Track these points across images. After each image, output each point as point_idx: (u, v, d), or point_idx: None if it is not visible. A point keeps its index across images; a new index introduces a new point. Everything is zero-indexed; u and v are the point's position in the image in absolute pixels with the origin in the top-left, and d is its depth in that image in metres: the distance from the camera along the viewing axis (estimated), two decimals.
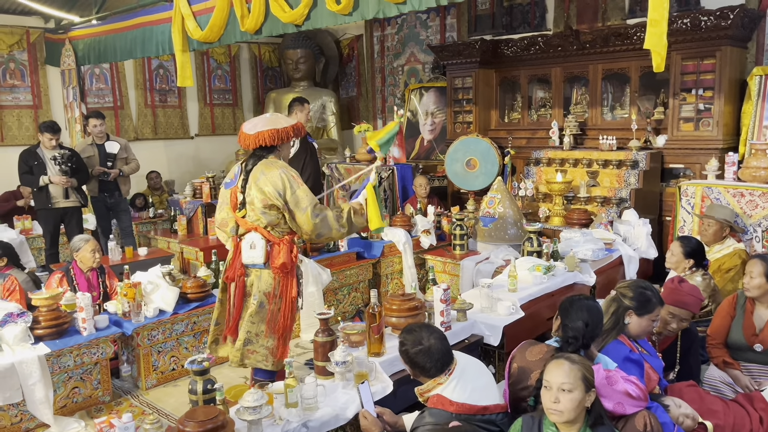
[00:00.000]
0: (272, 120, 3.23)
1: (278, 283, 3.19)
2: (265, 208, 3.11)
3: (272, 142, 3.16)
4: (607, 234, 4.94)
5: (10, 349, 3.34)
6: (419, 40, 8.85)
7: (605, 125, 6.61)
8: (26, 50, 7.72)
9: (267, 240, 3.15)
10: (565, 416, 2.07)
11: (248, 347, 3.22)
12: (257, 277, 3.20)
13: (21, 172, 5.83)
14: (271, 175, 3.09)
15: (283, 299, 3.21)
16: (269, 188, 3.07)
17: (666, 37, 3.04)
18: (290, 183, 3.09)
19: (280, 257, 3.13)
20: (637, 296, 2.73)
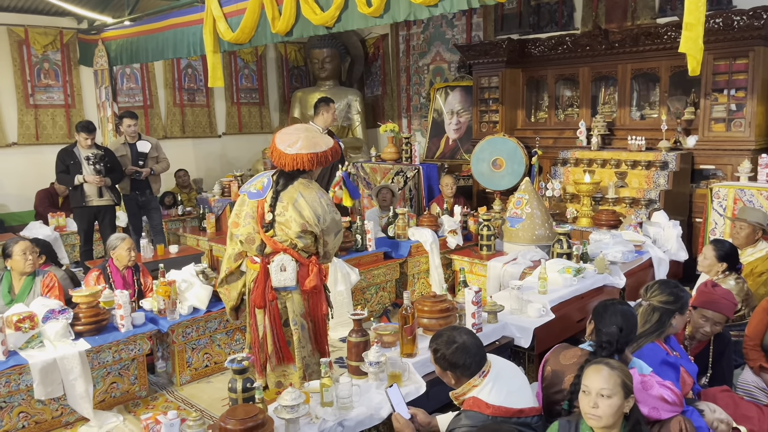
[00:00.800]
0: (311, 140, 3.06)
1: (309, 303, 3.16)
2: (302, 233, 3.02)
3: (311, 166, 3.05)
4: (636, 236, 4.91)
5: (52, 344, 3.45)
6: (445, 40, 8.85)
7: (634, 125, 6.56)
8: (60, 51, 7.89)
9: (297, 261, 3.07)
10: (604, 422, 2.08)
11: (309, 371, 3.17)
12: (290, 300, 3.12)
13: (58, 171, 5.98)
14: (310, 199, 3.00)
15: (314, 316, 3.18)
16: (308, 213, 2.99)
17: (702, 40, 3.02)
18: (329, 208, 3.05)
19: (311, 279, 3.08)
20: (675, 297, 2.74)
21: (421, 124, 9.41)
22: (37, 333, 3.44)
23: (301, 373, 3.16)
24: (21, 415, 3.34)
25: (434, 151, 8.72)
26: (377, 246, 5.30)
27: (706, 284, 3.13)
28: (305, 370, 3.17)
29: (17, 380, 3.27)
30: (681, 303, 2.75)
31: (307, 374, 3.18)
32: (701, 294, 3.08)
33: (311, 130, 3.22)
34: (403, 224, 5.45)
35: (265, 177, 3.16)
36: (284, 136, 3.09)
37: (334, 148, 3.12)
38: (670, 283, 2.83)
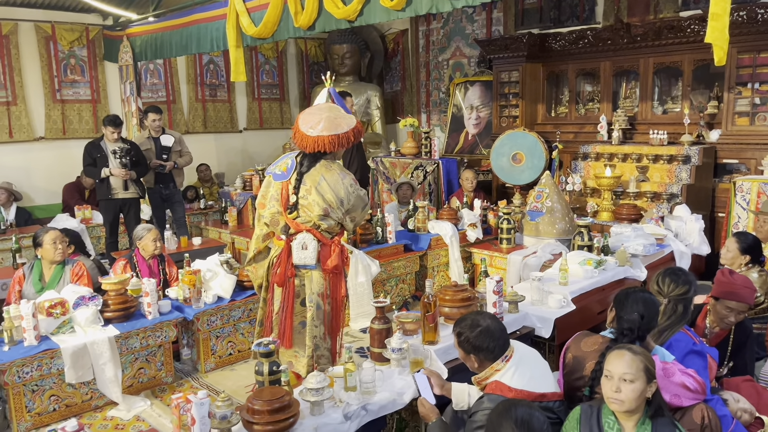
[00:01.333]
0: (333, 121, 3.05)
1: (329, 283, 3.17)
2: (324, 215, 3.05)
3: (332, 148, 3.04)
4: (658, 229, 4.90)
5: (82, 330, 3.55)
6: (465, 35, 8.86)
7: (656, 119, 6.52)
8: (86, 47, 8.03)
9: (319, 241, 3.10)
10: (626, 406, 2.10)
11: (317, 353, 3.17)
12: (308, 278, 3.15)
13: (85, 164, 6.11)
14: (332, 181, 3.02)
15: (333, 299, 3.19)
16: (330, 196, 3.01)
17: (727, 30, 3.01)
18: (352, 189, 3.06)
19: (333, 259, 3.10)
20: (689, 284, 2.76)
21: (440, 120, 9.42)
22: (68, 319, 3.55)
23: (310, 352, 3.16)
24: (52, 398, 3.43)
25: (453, 146, 8.73)
26: (397, 239, 5.34)
27: (723, 273, 3.13)
28: (314, 351, 3.17)
29: (49, 364, 3.37)
30: (695, 287, 2.79)
31: (315, 355, 3.17)
32: (721, 284, 3.08)
33: (334, 109, 3.20)
34: (423, 217, 5.48)
35: (289, 158, 3.18)
36: (307, 117, 3.10)
37: (356, 128, 3.12)
38: (678, 274, 2.84)
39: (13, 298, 4.02)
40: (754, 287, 3.17)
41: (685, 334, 2.67)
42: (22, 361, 3.27)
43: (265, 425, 2.26)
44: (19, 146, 7.61)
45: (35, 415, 3.36)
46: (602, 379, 2.18)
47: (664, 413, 2.19)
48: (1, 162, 7.46)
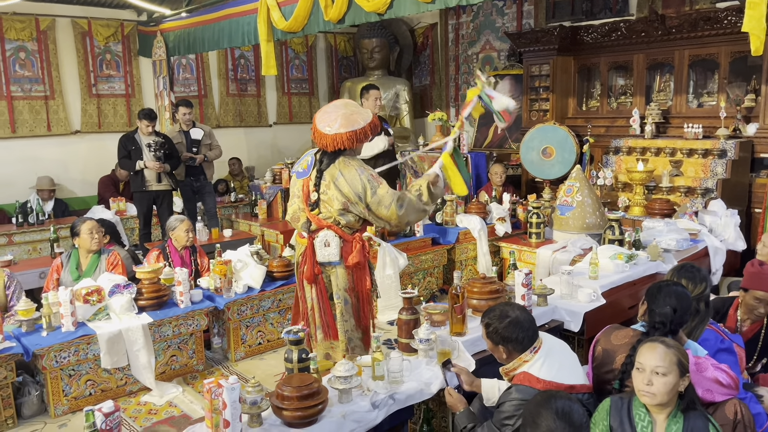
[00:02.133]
0: (349, 118, 3.06)
1: (353, 278, 3.19)
2: (343, 210, 3.06)
3: (350, 145, 3.05)
4: (692, 224, 4.81)
5: (117, 317, 3.64)
6: (495, 28, 8.79)
7: (690, 113, 6.39)
8: (121, 42, 8.20)
9: (341, 237, 3.11)
10: (658, 399, 2.08)
11: (351, 345, 3.23)
12: (334, 275, 3.18)
13: (120, 156, 6.25)
14: (349, 176, 3.01)
15: (359, 291, 3.22)
16: (347, 189, 3.01)
17: (765, 19, 2.94)
18: (370, 184, 3.01)
19: (354, 255, 3.12)
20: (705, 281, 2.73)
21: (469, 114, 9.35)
22: (104, 306, 3.64)
23: (344, 346, 3.21)
24: (88, 382, 3.54)
25: (482, 140, 8.69)
26: (425, 232, 5.35)
27: (752, 263, 3.06)
28: (348, 344, 3.21)
29: (85, 350, 3.47)
30: (711, 283, 2.75)
31: (349, 348, 3.22)
32: (750, 275, 3.02)
33: (350, 105, 3.20)
34: (451, 211, 5.48)
35: (309, 156, 3.21)
36: (323, 116, 3.10)
37: (372, 122, 3.11)
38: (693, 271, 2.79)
39: (51, 286, 4.14)
40: None
41: (713, 332, 2.63)
42: (59, 346, 3.37)
43: (294, 411, 2.29)
44: (56, 139, 7.81)
45: (72, 399, 3.47)
46: (633, 372, 2.16)
47: (697, 407, 2.16)
48: (40, 155, 7.67)
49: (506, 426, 2.28)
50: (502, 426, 2.30)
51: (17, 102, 7.49)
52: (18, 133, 7.52)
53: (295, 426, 2.32)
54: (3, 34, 7.31)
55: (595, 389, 2.50)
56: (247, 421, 2.32)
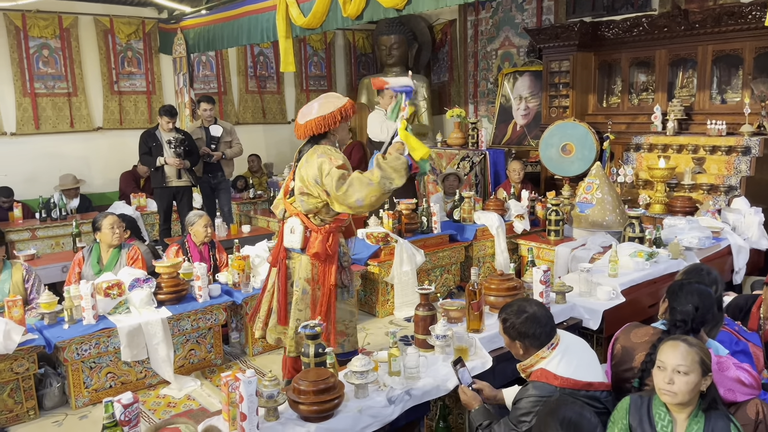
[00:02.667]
0: (322, 106, 3.13)
1: (317, 269, 3.17)
2: (301, 195, 3.11)
3: (319, 130, 3.09)
4: (714, 222, 4.73)
5: (137, 311, 3.68)
6: (514, 24, 8.72)
7: (713, 109, 6.28)
8: (142, 39, 8.29)
9: (306, 226, 3.14)
10: (679, 398, 2.05)
11: (299, 335, 3.19)
12: (298, 262, 3.21)
13: (141, 153, 6.33)
14: (311, 162, 3.06)
15: (322, 286, 3.18)
16: (306, 173, 3.06)
17: None
18: (325, 167, 3.00)
19: (314, 246, 3.11)
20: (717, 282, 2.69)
21: (488, 110, 9.32)
22: (124, 300, 3.69)
23: (292, 333, 3.21)
24: (109, 375, 3.58)
25: (501, 137, 8.63)
26: (443, 229, 5.33)
27: None
28: (296, 334, 3.20)
29: (106, 342, 3.51)
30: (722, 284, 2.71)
31: (296, 337, 3.19)
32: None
33: (328, 96, 3.24)
34: (468, 207, 5.45)
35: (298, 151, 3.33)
36: (303, 110, 3.21)
37: (344, 106, 3.12)
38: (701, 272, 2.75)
39: (73, 280, 4.20)
40: None
41: (728, 333, 2.58)
42: (80, 339, 3.42)
43: (311, 405, 2.30)
44: (79, 136, 7.92)
45: (92, 391, 3.52)
46: (654, 370, 2.12)
47: (719, 407, 2.13)
48: (63, 151, 7.78)
49: (523, 423, 2.27)
50: (518, 423, 2.28)
51: (41, 99, 7.61)
52: (41, 130, 7.64)
53: (312, 420, 2.33)
54: (27, 32, 7.43)
55: (614, 387, 2.47)
56: (263, 415, 2.33)
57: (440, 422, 2.92)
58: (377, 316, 4.82)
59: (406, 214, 5.07)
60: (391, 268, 4.74)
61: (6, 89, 7.41)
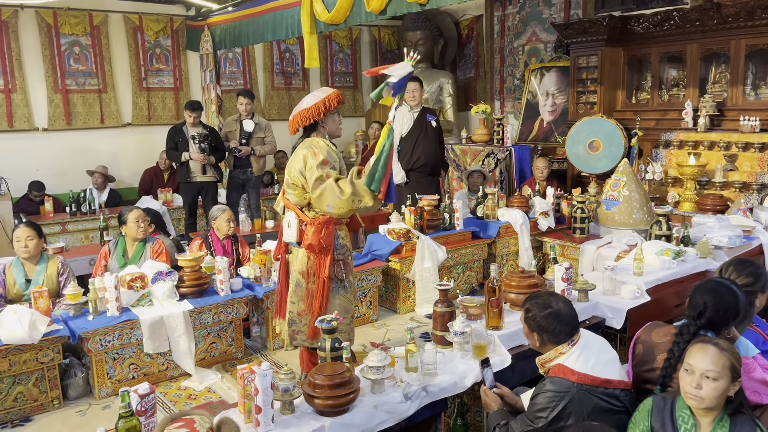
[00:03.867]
0: (306, 100, 3.24)
1: (312, 262, 3.20)
2: (288, 188, 3.19)
3: (304, 123, 3.19)
4: (745, 221, 4.60)
5: (160, 303, 3.72)
6: (541, 19, 8.60)
7: (747, 105, 6.11)
8: (170, 37, 8.40)
9: (300, 220, 3.19)
10: (706, 403, 1.99)
11: (293, 328, 3.29)
12: (294, 256, 3.27)
13: (167, 148, 6.42)
14: (297, 154, 3.16)
15: (316, 278, 3.20)
16: (291, 166, 3.16)
17: None
18: (309, 159, 3.07)
19: (308, 237, 3.15)
20: (755, 277, 2.60)
21: (514, 107, 9.22)
22: (147, 292, 3.73)
23: (285, 326, 3.27)
24: (131, 366, 3.63)
25: (527, 133, 8.53)
26: (465, 225, 5.28)
27: None
28: (289, 326, 3.26)
29: (129, 334, 3.56)
30: (762, 281, 2.61)
31: (290, 331, 3.27)
32: None
33: (319, 90, 3.32)
34: (492, 204, 5.39)
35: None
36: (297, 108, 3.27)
37: (329, 96, 3.19)
38: (745, 263, 2.68)
39: (99, 272, 4.27)
40: None
41: (754, 332, 2.50)
42: (104, 330, 3.47)
43: (326, 399, 2.30)
44: (109, 132, 8.07)
45: (115, 382, 3.57)
46: (681, 372, 2.05)
47: (745, 411, 2.06)
48: (94, 146, 7.94)
49: (539, 419, 2.24)
50: (535, 418, 2.25)
51: (72, 95, 7.76)
52: (72, 125, 7.80)
53: (327, 414, 2.32)
54: (58, 29, 7.59)
55: (635, 388, 2.42)
56: (279, 408, 2.34)
57: (458, 420, 2.90)
58: (398, 312, 4.80)
59: (428, 211, 5.04)
60: (413, 265, 4.71)
61: (38, 86, 7.58)
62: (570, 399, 2.22)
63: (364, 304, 4.60)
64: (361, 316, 4.56)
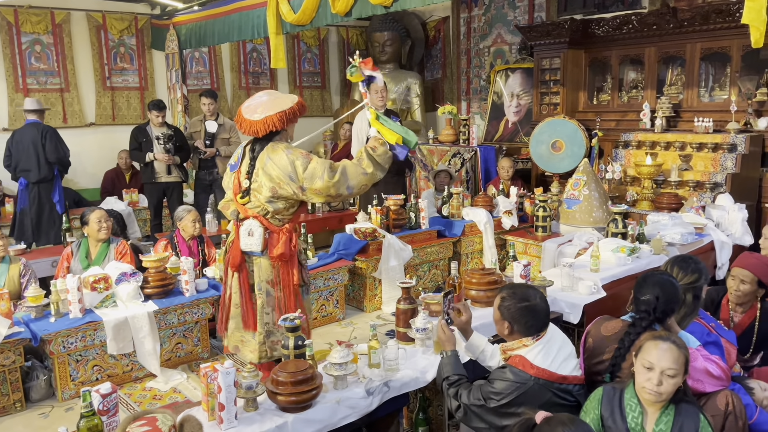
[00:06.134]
0: (274, 102, 3.09)
1: (278, 271, 3.15)
2: (273, 197, 3.04)
3: (282, 125, 3.04)
4: (697, 218, 4.78)
5: (124, 304, 3.71)
6: (507, 21, 8.76)
7: (701, 107, 6.33)
8: (135, 35, 8.30)
9: (265, 228, 3.09)
10: (663, 398, 2.09)
11: (272, 339, 3.21)
12: (258, 266, 3.16)
13: (131, 148, 6.36)
14: (277, 159, 3.00)
15: (285, 286, 3.16)
16: (276, 172, 2.99)
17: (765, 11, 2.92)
18: (300, 161, 3.00)
19: (279, 247, 3.08)
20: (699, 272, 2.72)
21: (480, 107, 9.36)
22: (111, 294, 3.72)
23: (261, 338, 3.18)
24: (95, 368, 3.61)
25: (493, 133, 8.67)
26: (431, 224, 5.36)
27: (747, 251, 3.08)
28: (266, 338, 3.19)
29: (92, 336, 3.54)
30: (704, 275, 2.74)
31: (268, 342, 3.19)
32: (738, 257, 3.05)
33: (273, 93, 3.23)
34: (457, 203, 5.49)
35: (240, 148, 3.23)
36: (248, 107, 3.13)
37: (299, 102, 3.12)
38: (688, 261, 2.79)
39: (61, 274, 4.23)
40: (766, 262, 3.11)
41: (699, 324, 2.63)
42: (67, 332, 3.45)
43: (289, 396, 2.34)
44: (71, 131, 7.90)
45: (79, 384, 3.54)
46: (638, 368, 2.14)
47: (689, 399, 2.17)
48: None
49: (492, 400, 2.34)
50: (488, 398, 2.35)
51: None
52: None
53: (290, 410, 2.37)
54: (19, 27, 7.44)
55: (586, 380, 2.51)
56: (242, 405, 2.37)
57: (420, 414, 2.97)
58: (365, 311, 4.86)
59: (394, 210, 5.11)
60: (379, 264, 4.77)
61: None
62: (525, 390, 2.31)
63: (331, 302, 4.64)
64: (328, 314, 4.61)
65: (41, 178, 6.02)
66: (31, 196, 6.04)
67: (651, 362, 2.09)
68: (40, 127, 6.10)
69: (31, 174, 5.99)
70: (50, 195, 6.11)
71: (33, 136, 5.99)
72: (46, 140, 6.00)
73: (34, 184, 6.03)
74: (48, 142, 6.00)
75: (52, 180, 6.12)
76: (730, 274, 3.04)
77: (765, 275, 3.00)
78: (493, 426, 2.36)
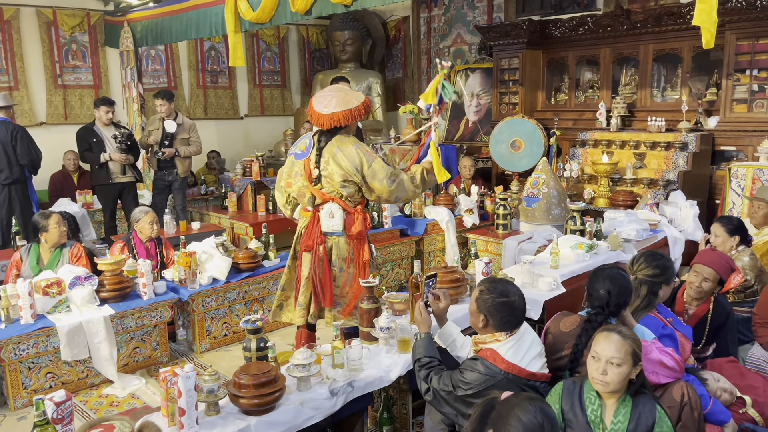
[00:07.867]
0: (343, 99, 3.34)
1: (353, 248, 3.43)
2: (344, 182, 3.31)
3: (346, 122, 3.32)
4: (652, 215, 4.91)
5: (78, 309, 3.61)
6: (466, 21, 8.83)
7: (654, 107, 6.51)
8: (87, 32, 8.06)
9: (344, 209, 3.37)
10: (611, 387, 2.14)
11: (337, 309, 3.48)
12: (335, 244, 3.42)
13: (81, 150, 6.17)
14: (347, 152, 3.28)
15: (356, 263, 3.45)
16: (346, 163, 3.26)
17: (716, 13, 3.02)
18: (366, 158, 3.29)
19: (356, 225, 3.38)
20: (661, 269, 2.78)
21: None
22: (64, 298, 3.61)
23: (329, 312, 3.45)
24: (48, 375, 3.50)
25: (454, 133, 8.73)
26: (393, 223, 5.38)
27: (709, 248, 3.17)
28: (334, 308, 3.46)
29: (45, 342, 3.43)
30: (667, 274, 2.79)
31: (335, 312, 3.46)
32: (698, 254, 3.14)
33: (343, 89, 3.48)
34: (419, 203, 5.51)
35: (306, 138, 3.46)
36: (320, 99, 3.37)
37: (365, 102, 3.39)
38: (656, 255, 2.86)
39: (10, 280, 4.07)
40: (733, 264, 3.22)
41: (654, 317, 2.70)
42: (18, 339, 3.33)
43: (251, 398, 2.31)
44: None
45: (31, 392, 3.43)
46: (588, 359, 2.19)
47: (646, 391, 2.22)
48: None
49: (460, 388, 2.36)
50: (457, 387, 2.37)
51: None
52: None
53: (252, 414, 2.33)
54: None
55: None
56: (204, 410, 2.33)
57: (384, 413, 2.96)
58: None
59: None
60: None
61: None
62: (494, 383, 2.33)
63: None
64: None
65: (13, 179, 5.79)
66: (1, 198, 5.80)
67: (597, 352, 2.16)
68: (9, 126, 5.81)
69: (2, 175, 5.74)
70: (26, 195, 5.92)
71: (2, 137, 5.72)
72: (17, 142, 5.75)
73: (4, 185, 5.78)
74: (19, 144, 5.75)
75: (25, 181, 5.90)
76: (693, 270, 3.09)
77: (726, 273, 3.10)
78: (460, 412, 2.39)
